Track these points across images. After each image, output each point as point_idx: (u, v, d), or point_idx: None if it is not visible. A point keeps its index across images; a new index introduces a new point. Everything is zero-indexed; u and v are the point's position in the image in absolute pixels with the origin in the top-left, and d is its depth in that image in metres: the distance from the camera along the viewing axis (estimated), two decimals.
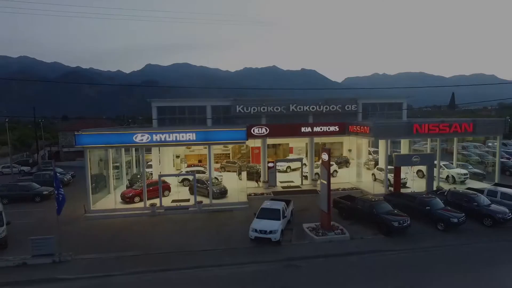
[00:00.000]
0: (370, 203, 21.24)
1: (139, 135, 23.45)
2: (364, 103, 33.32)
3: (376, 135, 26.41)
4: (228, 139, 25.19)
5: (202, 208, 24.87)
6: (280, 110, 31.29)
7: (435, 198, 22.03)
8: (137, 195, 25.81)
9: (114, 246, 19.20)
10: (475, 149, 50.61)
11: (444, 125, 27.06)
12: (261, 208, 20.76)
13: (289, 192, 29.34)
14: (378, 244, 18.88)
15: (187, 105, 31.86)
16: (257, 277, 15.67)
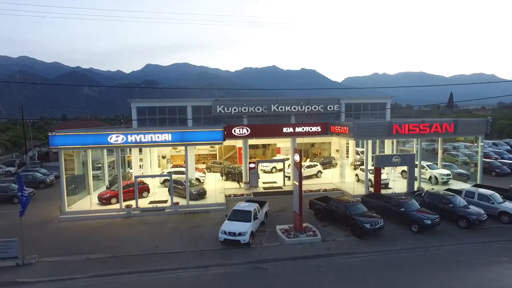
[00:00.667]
0: (344, 204, 21.01)
1: (113, 136, 23.25)
2: (347, 103, 33.02)
3: (355, 135, 26.16)
4: (205, 139, 24.97)
5: (179, 210, 24.67)
6: (262, 111, 31.05)
7: (411, 200, 21.80)
8: (114, 196, 25.64)
9: (83, 248, 19.02)
10: (465, 149, 50.32)
11: (424, 125, 26.80)
12: (233, 210, 20.58)
13: (270, 193, 29.12)
14: (349, 246, 18.66)
15: (167, 105, 31.64)
16: (221, 279, 15.52)
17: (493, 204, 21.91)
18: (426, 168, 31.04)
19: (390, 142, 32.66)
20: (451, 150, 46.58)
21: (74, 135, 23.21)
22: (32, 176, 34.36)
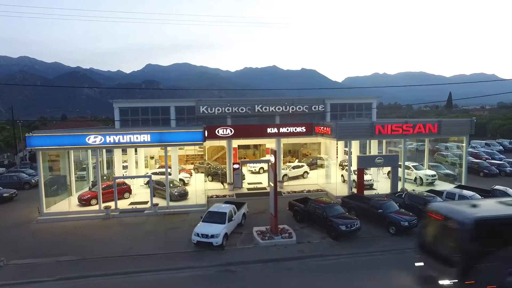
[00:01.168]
0: (321, 206, 20.81)
1: (91, 136, 23.09)
2: (332, 103, 32.76)
3: (337, 136, 25.93)
4: (184, 140, 24.79)
5: (158, 211, 24.50)
6: (245, 111, 30.84)
7: (389, 201, 21.57)
8: (94, 197, 25.44)
9: (55, 250, 18.87)
10: (457, 149, 50.04)
11: (407, 125, 26.56)
12: (208, 211, 20.41)
13: (253, 194, 28.92)
14: (323, 249, 18.45)
15: (150, 105, 31.46)
16: (190, 282, 15.39)
17: None
18: (411, 169, 30.80)
19: (376, 142, 32.41)
20: (443, 151, 46.31)
21: (51, 136, 23.06)
22: (17, 177, 34.24)
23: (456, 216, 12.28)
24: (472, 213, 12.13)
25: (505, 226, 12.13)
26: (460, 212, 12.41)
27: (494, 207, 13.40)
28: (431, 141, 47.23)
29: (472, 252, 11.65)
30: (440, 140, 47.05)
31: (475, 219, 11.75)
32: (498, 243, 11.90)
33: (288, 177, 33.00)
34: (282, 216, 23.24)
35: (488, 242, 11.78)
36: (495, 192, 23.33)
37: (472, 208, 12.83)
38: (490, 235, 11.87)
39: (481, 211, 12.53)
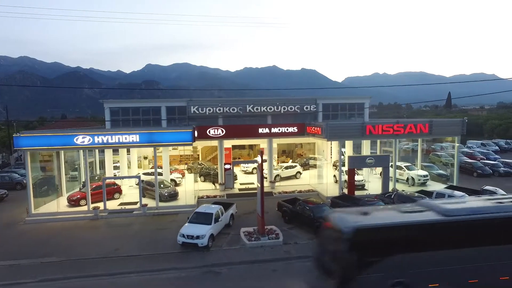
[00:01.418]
0: (309, 206, 20.72)
1: (80, 137, 23.00)
2: (324, 103, 32.62)
3: (327, 136, 25.81)
4: (174, 140, 24.70)
5: (147, 211, 24.41)
6: (237, 111, 30.72)
7: (377, 202, 21.48)
8: (83, 198, 25.35)
9: (41, 251, 18.79)
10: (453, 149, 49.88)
11: (398, 126, 26.43)
12: (194, 212, 20.33)
13: (244, 195, 28.81)
14: (309, 250, 18.22)
15: (141, 106, 31.35)
16: (172, 283, 15.32)
17: None
18: (403, 169, 30.69)
19: (370, 143, 32.27)
20: (438, 151, 46.16)
21: (39, 136, 22.98)
22: (9, 177, 34.17)
23: (339, 224, 11.66)
24: (354, 221, 11.42)
25: (389, 235, 11.44)
26: (344, 220, 11.75)
27: (386, 214, 12.86)
28: (427, 141, 47.17)
29: (351, 263, 10.90)
30: (436, 140, 46.92)
31: (355, 228, 11.02)
32: (381, 253, 11.25)
33: (281, 177, 32.89)
34: (271, 216, 23.18)
35: (370, 252, 11.16)
36: (485, 193, 23.21)
37: (361, 216, 12.05)
38: (373, 244, 11.25)
39: (367, 219, 11.81)
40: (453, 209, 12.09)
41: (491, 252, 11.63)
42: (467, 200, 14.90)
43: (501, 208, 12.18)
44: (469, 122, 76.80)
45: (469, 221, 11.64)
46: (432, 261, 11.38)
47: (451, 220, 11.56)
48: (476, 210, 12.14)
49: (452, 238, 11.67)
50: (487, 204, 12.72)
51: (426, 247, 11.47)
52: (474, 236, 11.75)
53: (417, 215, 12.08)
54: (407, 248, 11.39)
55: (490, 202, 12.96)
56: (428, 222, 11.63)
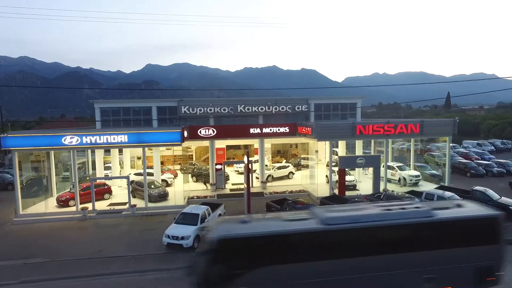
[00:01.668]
0: (295, 207, 20.60)
1: (68, 137, 22.92)
2: (316, 103, 32.53)
3: (317, 136, 25.71)
4: (163, 141, 24.60)
5: (136, 212, 24.33)
6: (228, 111, 30.65)
7: (366, 202, 21.30)
8: (73, 198, 25.26)
9: (26, 252, 18.69)
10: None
11: (389, 126, 26.32)
12: (181, 213, 20.22)
13: (235, 195, 28.68)
14: None
15: (131, 106, 31.28)
16: (154, 285, 15.19)
17: None
18: (395, 169, 30.58)
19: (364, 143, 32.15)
20: (434, 151, 46.02)
21: (26, 137, 22.92)
22: (0, 178, 34.07)
23: (210, 233, 11.16)
24: (221, 231, 11.00)
25: (259, 245, 10.83)
26: (216, 229, 11.27)
27: (265, 223, 12.37)
28: (423, 141, 47.03)
29: (212, 275, 10.44)
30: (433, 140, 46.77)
31: (218, 238, 10.55)
32: (250, 265, 10.74)
33: (273, 178, 32.79)
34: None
35: (237, 264, 10.66)
36: (475, 193, 23.10)
37: (238, 224, 11.47)
38: (239, 255, 10.73)
39: (240, 228, 11.16)
40: (334, 217, 11.57)
41: (376, 262, 11.24)
42: (356, 207, 14.29)
43: (386, 216, 11.68)
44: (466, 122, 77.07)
45: (350, 230, 11.17)
46: (310, 272, 10.90)
47: (330, 229, 11.08)
48: (358, 218, 11.60)
49: (332, 248, 11.18)
50: (374, 212, 12.20)
51: (303, 257, 10.96)
52: (357, 246, 11.30)
53: (295, 224, 11.51)
54: (280, 259, 10.86)
55: (379, 209, 12.34)
56: (303, 231, 11.13)
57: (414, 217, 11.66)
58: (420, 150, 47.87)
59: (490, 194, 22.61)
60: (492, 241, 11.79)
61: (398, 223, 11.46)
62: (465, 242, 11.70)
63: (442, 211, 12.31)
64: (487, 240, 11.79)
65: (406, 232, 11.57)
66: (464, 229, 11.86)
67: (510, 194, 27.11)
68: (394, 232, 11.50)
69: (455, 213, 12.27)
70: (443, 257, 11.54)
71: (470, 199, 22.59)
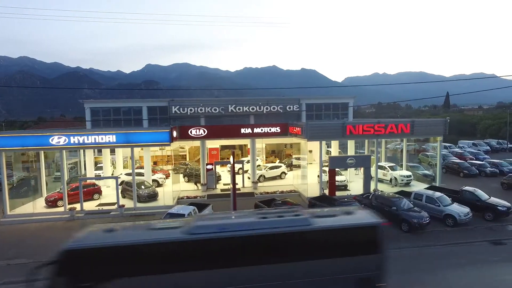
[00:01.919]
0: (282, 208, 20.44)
1: (55, 137, 22.84)
2: (308, 103, 32.41)
3: (307, 136, 25.60)
4: (151, 141, 24.47)
5: (125, 212, 24.22)
6: (218, 111, 30.56)
7: (353, 203, 21.29)
8: (61, 198, 25.18)
9: (10, 253, 18.60)
10: (444, 149, 49.66)
11: (379, 126, 26.21)
12: (167, 213, 20.11)
13: (226, 195, 28.52)
14: None
15: (121, 106, 31.20)
16: None
17: (439, 206, 21.33)
18: (387, 169, 30.47)
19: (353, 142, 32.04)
20: (429, 151, 45.93)
21: (13, 137, 22.81)
22: None
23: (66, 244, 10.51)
24: (73, 241, 10.39)
25: (107, 256, 10.18)
26: (75, 240, 10.65)
27: (130, 232, 11.72)
28: (419, 141, 46.97)
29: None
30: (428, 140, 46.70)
31: (65, 249, 10.00)
32: (97, 277, 10.06)
33: (265, 178, 32.69)
34: None
35: (82, 276, 10.00)
36: (464, 193, 23.01)
37: (102, 233, 10.91)
38: (85, 267, 10.07)
39: (99, 237, 10.63)
40: (200, 226, 10.98)
41: (247, 273, 10.65)
42: (232, 215, 13.61)
43: (258, 225, 11.10)
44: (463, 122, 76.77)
45: (216, 240, 10.58)
46: (172, 284, 10.36)
47: (193, 238, 10.46)
48: (226, 227, 10.99)
49: (197, 259, 10.52)
50: (246, 221, 11.68)
51: (165, 269, 10.35)
52: (225, 256, 10.70)
53: (157, 233, 10.99)
54: (136, 271, 10.22)
55: (255, 217, 11.76)
56: (162, 241, 10.48)
57: (290, 225, 11.07)
58: (415, 150, 47.86)
59: (479, 194, 22.49)
60: (373, 250, 11.21)
61: (270, 232, 10.87)
62: (345, 252, 11.13)
63: (323, 219, 11.89)
64: (367, 249, 11.21)
65: (280, 241, 10.96)
66: (343, 238, 11.25)
67: (501, 194, 27.06)
68: (267, 241, 10.90)
69: (336, 221, 11.78)
70: (322, 267, 10.94)
71: (459, 199, 22.57)
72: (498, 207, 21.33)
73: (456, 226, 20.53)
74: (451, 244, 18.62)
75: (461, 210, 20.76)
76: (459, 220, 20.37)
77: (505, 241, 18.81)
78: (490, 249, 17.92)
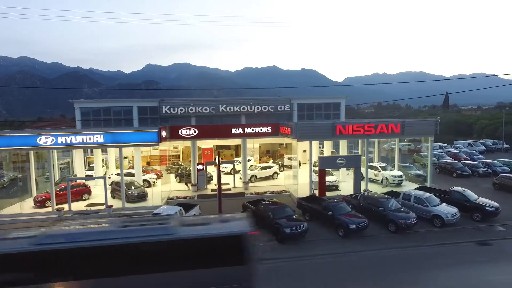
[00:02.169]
0: (269, 207, 20.38)
1: (43, 137, 22.75)
2: (299, 103, 32.28)
3: (297, 136, 25.48)
4: (139, 141, 24.36)
5: (113, 213, 24.13)
6: (209, 111, 30.44)
7: (341, 203, 21.13)
8: (49, 199, 25.09)
9: None
10: (440, 149, 49.57)
11: (369, 126, 26.08)
12: (152, 214, 20.02)
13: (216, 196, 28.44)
14: (262, 252, 17.90)
15: (112, 106, 31.09)
16: None
17: (427, 207, 21.21)
18: (379, 169, 30.35)
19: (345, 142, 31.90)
20: (424, 151, 45.80)
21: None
22: None
23: None
24: None
25: None
26: None
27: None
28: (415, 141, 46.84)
29: None
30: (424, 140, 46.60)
31: None
32: None
33: (256, 178, 32.59)
34: None
35: None
36: (453, 194, 22.88)
37: None
38: None
39: None
40: (48, 235, 10.40)
41: (101, 286, 10.20)
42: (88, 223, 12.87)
43: (114, 234, 10.58)
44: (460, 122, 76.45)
45: (64, 251, 9.97)
46: None
47: (37, 249, 9.83)
48: (77, 237, 10.44)
49: (45, 270, 9.98)
50: (101, 230, 11.26)
51: (11, 282, 9.79)
52: (77, 268, 10.14)
53: (4, 244, 10.28)
54: None
55: (116, 226, 11.41)
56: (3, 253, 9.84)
57: (151, 235, 10.66)
58: (410, 150, 47.76)
59: (468, 195, 22.36)
60: (240, 261, 10.79)
61: (125, 242, 10.33)
62: (209, 263, 10.74)
63: (190, 228, 11.48)
64: (233, 260, 10.80)
65: (139, 251, 10.49)
66: (208, 248, 10.82)
67: (493, 195, 26.97)
68: (123, 252, 10.38)
69: (203, 230, 11.40)
70: (185, 279, 10.57)
71: (448, 199, 22.45)
72: (486, 207, 21.21)
73: (444, 226, 20.43)
74: (438, 244, 18.53)
75: (449, 211, 20.64)
76: (446, 221, 20.25)
77: (491, 241, 18.70)
78: (476, 250, 17.82)
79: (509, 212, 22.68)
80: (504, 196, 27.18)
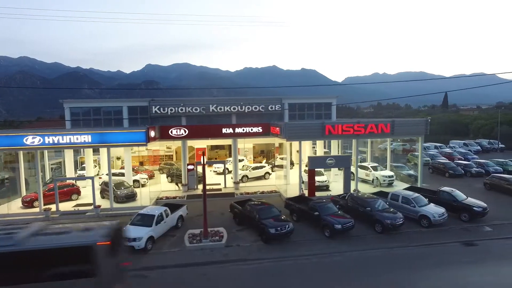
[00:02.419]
0: (255, 208, 20.29)
1: (30, 137, 22.66)
2: (290, 103, 32.15)
3: (286, 136, 25.37)
4: (127, 141, 24.24)
5: (101, 213, 24.03)
6: (200, 111, 30.33)
7: (328, 203, 21.02)
8: (37, 199, 25.01)
9: None
10: (435, 149, 49.46)
11: (359, 125, 25.94)
12: (137, 214, 19.92)
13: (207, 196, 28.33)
14: (248, 253, 17.92)
15: (101, 106, 31.00)
16: None
17: (414, 207, 21.09)
18: (370, 169, 30.23)
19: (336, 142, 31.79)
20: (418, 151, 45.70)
21: None
22: None
23: None
24: None
25: None
26: None
27: None
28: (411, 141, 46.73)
29: None
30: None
31: None
32: None
33: (248, 178, 32.49)
34: (226, 218, 22.90)
35: None
36: (441, 194, 22.76)
37: None
38: None
39: None
40: None
41: None
42: None
43: None
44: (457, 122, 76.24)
45: None
46: None
47: None
48: None
49: None
50: None
51: None
52: None
53: None
54: None
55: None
56: None
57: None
58: (405, 150, 47.67)
59: (456, 195, 22.24)
60: (89, 274, 10.43)
61: None
62: (56, 276, 10.34)
63: (40, 238, 10.83)
64: (80, 273, 10.46)
65: None
66: (54, 260, 10.36)
67: (484, 195, 26.91)
68: None
69: (48, 241, 10.77)
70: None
71: (436, 199, 22.33)
72: (474, 207, 21.09)
73: (431, 226, 20.33)
74: (424, 245, 18.43)
75: (436, 211, 20.52)
76: (433, 221, 20.14)
77: (477, 242, 18.58)
78: (462, 250, 17.72)
79: (498, 213, 22.60)
80: (495, 196, 27.08)
